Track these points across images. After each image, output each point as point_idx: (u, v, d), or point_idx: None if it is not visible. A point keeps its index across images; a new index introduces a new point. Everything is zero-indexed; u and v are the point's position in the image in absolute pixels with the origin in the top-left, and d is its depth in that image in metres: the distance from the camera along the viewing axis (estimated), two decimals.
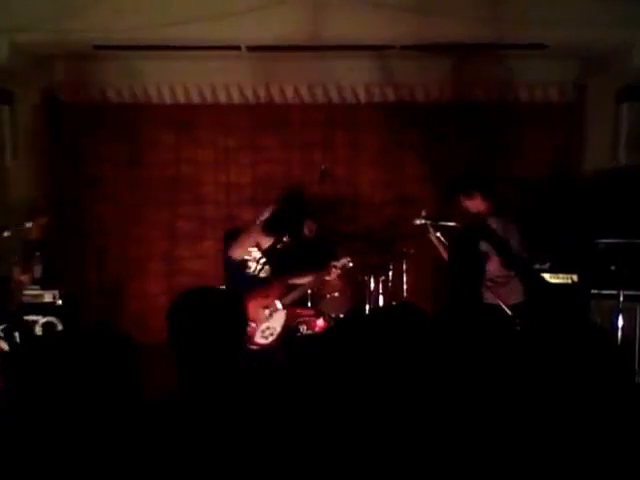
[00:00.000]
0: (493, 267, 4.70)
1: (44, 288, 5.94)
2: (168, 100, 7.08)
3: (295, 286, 5.12)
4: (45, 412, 1.84)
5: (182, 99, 7.08)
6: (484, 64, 6.81)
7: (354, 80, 7.00)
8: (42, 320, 5.69)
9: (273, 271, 5.00)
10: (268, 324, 4.92)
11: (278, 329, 4.95)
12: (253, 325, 4.86)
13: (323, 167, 6.47)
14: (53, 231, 6.33)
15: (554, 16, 5.79)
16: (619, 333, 5.13)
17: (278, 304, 4.96)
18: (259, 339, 4.88)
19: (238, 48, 6.43)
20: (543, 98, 7.03)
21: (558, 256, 5.84)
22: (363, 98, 7.07)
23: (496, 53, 6.64)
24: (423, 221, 5.59)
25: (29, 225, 5.40)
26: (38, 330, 5.62)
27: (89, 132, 7.08)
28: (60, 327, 5.68)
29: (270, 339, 4.90)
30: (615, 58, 6.31)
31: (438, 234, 5.40)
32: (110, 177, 7.14)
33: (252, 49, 6.46)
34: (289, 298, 5.04)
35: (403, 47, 6.40)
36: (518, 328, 4.53)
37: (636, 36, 5.94)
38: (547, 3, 5.78)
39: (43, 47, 6.38)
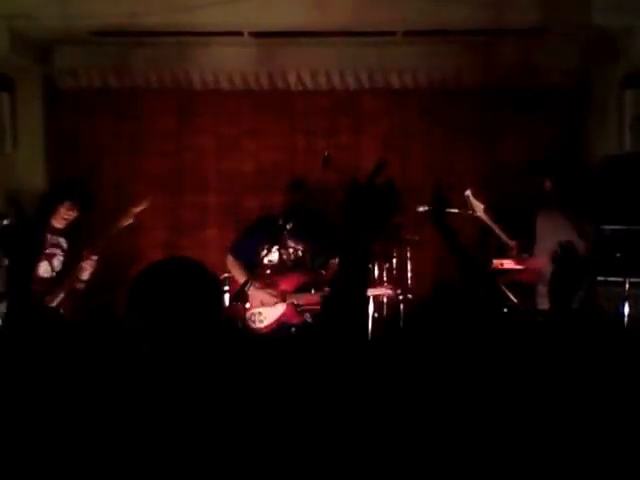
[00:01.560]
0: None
1: None
2: (169, 87, 7.02)
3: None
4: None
5: (184, 85, 7.02)
6: (486, 49, 6.77)
7: (357, 66, 6.94)
8: None
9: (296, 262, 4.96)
10: (261, 310, 4.88)
11: (270, 319, 4.90)
12: (247, 306, 4.83)
13: (326, 153, 6.42)
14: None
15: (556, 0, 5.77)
16: (625, 320, 5.11)
17: (282, 298, 4.91)
18: (249, 321, 4.85)
19: (241, 34, 6.39)
20: (546, 83, 6.98)
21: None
22: (366, 84, 7.02)
23: (498, 38, 6.60)
24: (426, 208, 5.54)
25: None
26: None
27: (89, 119, 7.02)
28: None
29: (259, 325, 4.87)
30: (619, 44, 6.27)
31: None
32: (110, 165, 7.08)
33: (255, 35, 6.41)
34: (302, 298, 4.95)
35: (406, 32, 6.36)
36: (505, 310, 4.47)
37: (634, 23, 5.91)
38: None
39: (43, 34, 6.33)
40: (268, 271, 5.10)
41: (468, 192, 4.95)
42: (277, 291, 4.95)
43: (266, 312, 4.90)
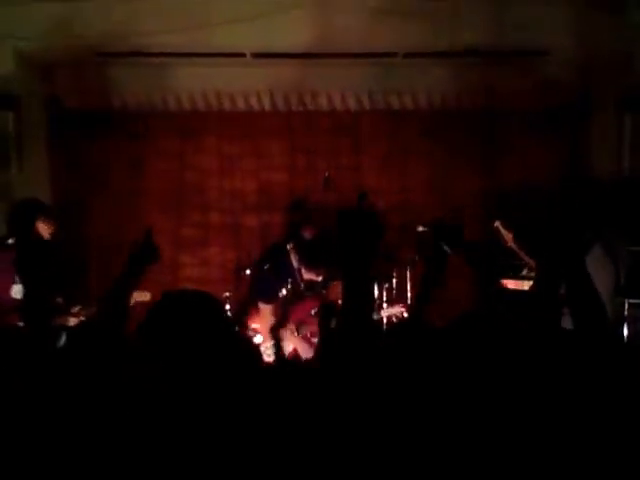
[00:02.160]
0: None
1: None
2: (173, 107, 7.09)
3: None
4: None
5: (187, 106, 7.09)
6: (486, 71, 6.83)
7: (358, 87, 7.01)
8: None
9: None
10: (268, 344, 4.78)
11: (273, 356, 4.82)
12: (258, 337, 4.76)
13: (327, 174, 6.49)
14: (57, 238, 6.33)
15: (556, 23, 5.82)
16: (624, 341, 5.10)
17: (293, 330, 4.83)
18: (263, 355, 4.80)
19: (243, 55, 6.46)
20: (546, 105, 7.03)
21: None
22: (367, 105, 7.08)
23: (498, 60, 6.65)
24: (426, 228, 5.57)
25: None
26: None
27: (93, 139, 7.09)
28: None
29: (265, 358, 4.78)
30: (618, 66, 6.33)
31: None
32: (114, 184, 7.14)
33: (257, 56, 6.48)
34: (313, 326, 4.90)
35: (407, 54, 6.42)
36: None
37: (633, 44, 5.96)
38: (549, 10, 5.80)
39: (47, 54, 6.41)
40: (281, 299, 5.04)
41: (497, 223, 4.90)
42: (291, 320, 4.89)
43: (269, 346, 4.83)
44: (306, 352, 4.75)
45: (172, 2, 5.82)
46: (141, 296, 4.84)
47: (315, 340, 4.92)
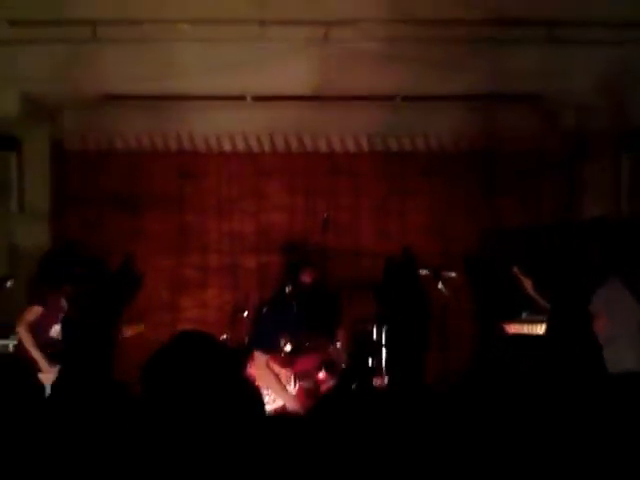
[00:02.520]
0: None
1: None
2: (174, 149, 7.18)
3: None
4: None
5: (187, 147, 7.18)
6: (483, 114, 6.93)
7: (357, 130, 7.10)
8: None
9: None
10: (267, 392, 4.51)
11: (279, 403, 4.51)
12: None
13: (326, 215, 6.51)
14: None
15: (550, 67, 5.92)
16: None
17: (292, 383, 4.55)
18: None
19: (243, 98, 6.56)
20: (543, 147, 7.11)
21: None
22: (365, 147, 7.16)
23: (494, 104, 6.76)
24: (426, 271, 5.59)
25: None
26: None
27: (94, 180, 7.15)
28: None
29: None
30: (613, 108, 6.42)
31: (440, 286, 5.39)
32: (114, 225, 7.16)
33: (257, 99, 6.58)
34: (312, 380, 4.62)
35: (404, 98, 6.53)
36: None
37: (633, 86, 6.05)
38: (543, 55, 5.90)
39: (51, 97, 6.53)
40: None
41: (515, 269, 4.91)
42: (293, 372, 4.70)
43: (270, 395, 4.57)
44: (294, 406, 4.50)
45: (174, 47, 5.94)
46: (134, 329, 4.84)
47: (308, 398, 4.75)
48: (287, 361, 4.68)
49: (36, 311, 4.68)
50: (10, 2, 5.66)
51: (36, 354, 4.61)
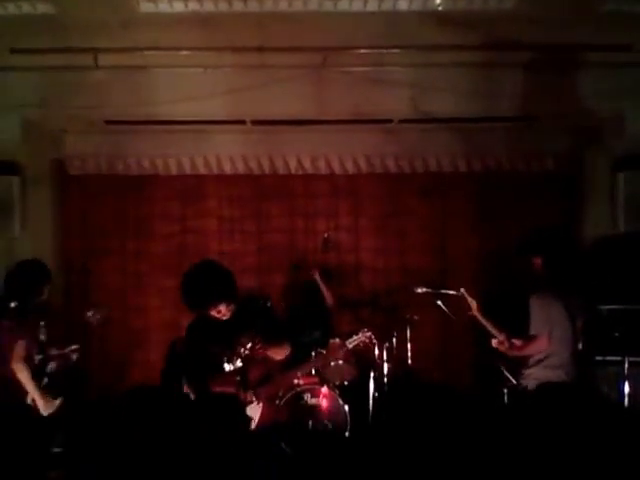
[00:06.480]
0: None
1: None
2: (175, 171, 7.25)
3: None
4: None
5: (188, 170, 7.25)
6: (480, 136, 7.01)
7: (356, 152, 7.18)
8: None
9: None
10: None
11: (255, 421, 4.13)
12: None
13: (326, 235, 6.59)
14: (58, 300, 6.37)
15: (545, 89, 6.01)
16: (625, 400, 5.08)
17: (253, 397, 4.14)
18: None
19: (243, 122, 6.64)
20: (540, 168, 7.18)
21: None
22: (364, 168, 7.24)
23: (491, 125, 6.83)
24: (424, 289, 5.66)
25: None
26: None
27: (97, 203, 7.22)
28: None
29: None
30: (609, 128, 6.49)
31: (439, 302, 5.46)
32: (116, 247, 7.23)
33: (257, 123, 6.67)
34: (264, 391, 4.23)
35: (402, 120, 6.61)
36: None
37: (628, 106, 6.13)
38: (538, 77, 5.99)
39: (53, 122, 6.61)
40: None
41: (462, 290, 4.90)
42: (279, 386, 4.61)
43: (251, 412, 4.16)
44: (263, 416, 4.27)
45: (175, 73, 6.02)
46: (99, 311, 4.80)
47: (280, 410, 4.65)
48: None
49: (21, 344, 4.53)
50: (12, 30, 5.75)
51: (32, 388, 4.46)
